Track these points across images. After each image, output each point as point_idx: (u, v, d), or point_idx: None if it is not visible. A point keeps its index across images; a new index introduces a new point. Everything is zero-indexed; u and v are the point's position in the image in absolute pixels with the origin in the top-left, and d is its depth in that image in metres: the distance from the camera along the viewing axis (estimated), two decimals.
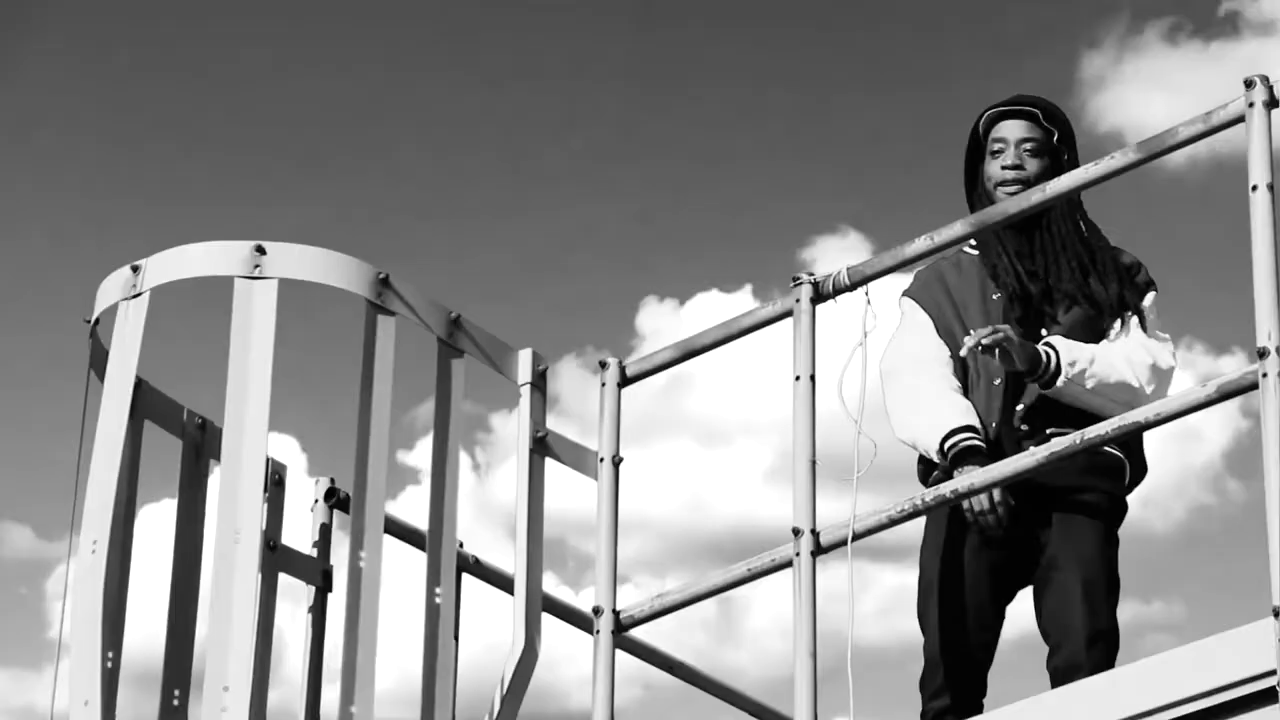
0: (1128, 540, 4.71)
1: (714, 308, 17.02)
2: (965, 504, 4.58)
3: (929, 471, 4.77)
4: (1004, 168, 4.80)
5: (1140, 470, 4.78)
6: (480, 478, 16.95)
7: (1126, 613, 4.58)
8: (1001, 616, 4.77)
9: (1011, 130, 4.84)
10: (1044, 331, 4.72)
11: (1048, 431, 4.60)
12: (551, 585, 4.78)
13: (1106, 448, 4.46)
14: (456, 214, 18.37)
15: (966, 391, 4.76)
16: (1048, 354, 4.59)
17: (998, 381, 4.71)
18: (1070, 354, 4.61)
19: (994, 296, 4.79)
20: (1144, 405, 4.17)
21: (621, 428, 4.62)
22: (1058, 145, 4.84)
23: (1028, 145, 4.82)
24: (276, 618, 4.57)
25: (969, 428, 4.65)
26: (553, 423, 4.59)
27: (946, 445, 4.63)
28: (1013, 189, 4.76)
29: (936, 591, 4.71)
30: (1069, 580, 4.60)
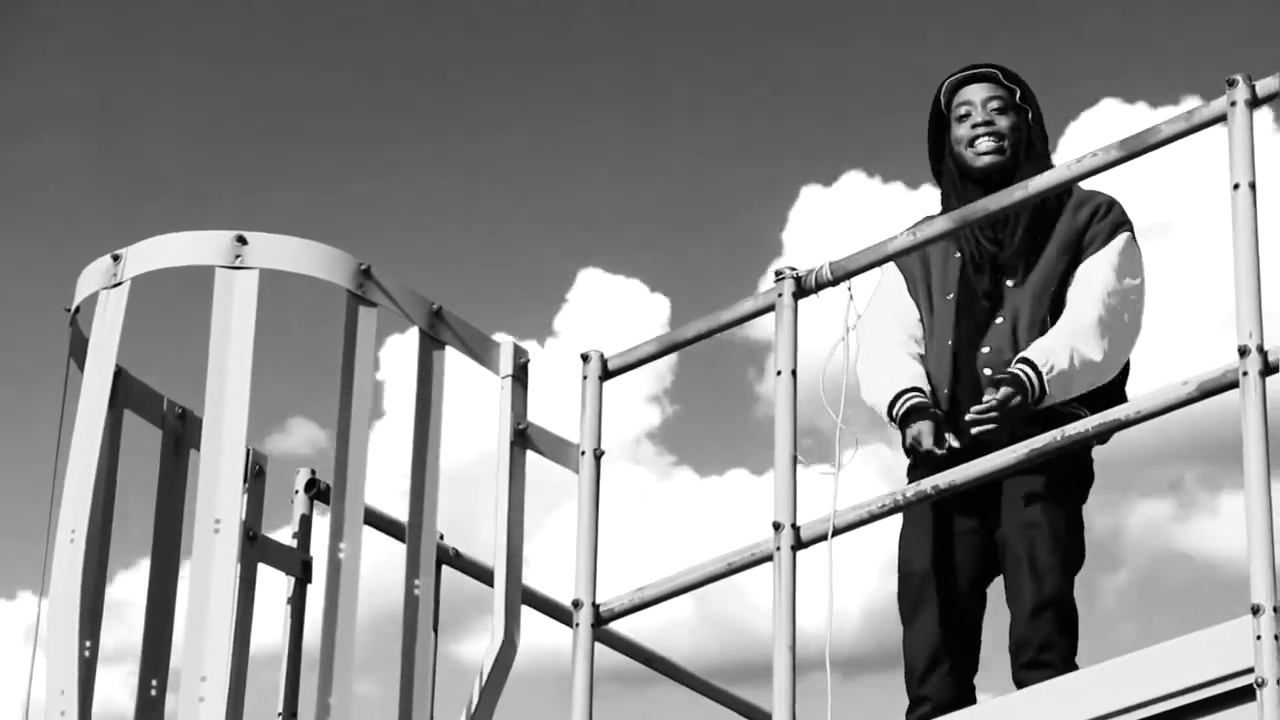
0: None
1: None
2: (911, 441, 4.65)
3: (914, 468, 4.78)
4: (974, 125, 4.90)
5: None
6: None
7: None
8: (982, 605, 4.76)
9: (975, 93, 4.94)
10: (1005, 289, 4.77)
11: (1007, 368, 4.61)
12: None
13: (1065, 408, 4.57)
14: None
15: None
16: (1027, 376, 4.56)
17: (949, 341, 4.76)
18: (1045, 361, 4.58)
19: (955, 256, 4.87)
20: (1118, 351, 4.62)
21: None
22: (1021, 103, 4.94)
23: (994, 104, 4.92)
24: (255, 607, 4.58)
25: (914, 389, 4.71)
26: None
27: (894, 409, 4.71)
28: (986, 145, 4.86)
29: (917, 585, 4.72)
30: (1017, 551, 4.61)
